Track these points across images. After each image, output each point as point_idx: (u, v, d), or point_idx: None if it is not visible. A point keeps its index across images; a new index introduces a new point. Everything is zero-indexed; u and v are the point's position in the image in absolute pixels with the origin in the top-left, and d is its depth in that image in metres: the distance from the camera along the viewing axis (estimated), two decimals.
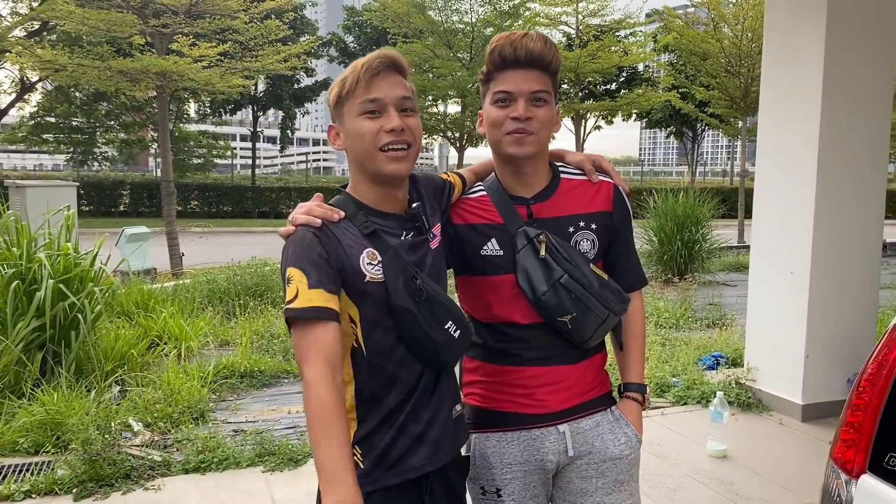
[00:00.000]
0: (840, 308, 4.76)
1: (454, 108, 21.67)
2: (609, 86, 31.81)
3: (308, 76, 36.13)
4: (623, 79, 31.68)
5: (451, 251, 1.85)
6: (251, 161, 39.09)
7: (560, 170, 1.91)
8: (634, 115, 29.92)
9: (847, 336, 4.78)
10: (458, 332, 1.62)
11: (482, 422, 1.87)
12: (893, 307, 7.88)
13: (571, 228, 1.82)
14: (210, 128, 37.76)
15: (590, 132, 27.07)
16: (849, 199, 4.72)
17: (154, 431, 4.37)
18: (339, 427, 1.41)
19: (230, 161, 39.50)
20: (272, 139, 69.24)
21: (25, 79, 22.70)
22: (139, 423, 4.41)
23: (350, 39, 36.63)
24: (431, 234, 1.72)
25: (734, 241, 16.96)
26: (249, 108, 36.48)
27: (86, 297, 5.19)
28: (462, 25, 19.79)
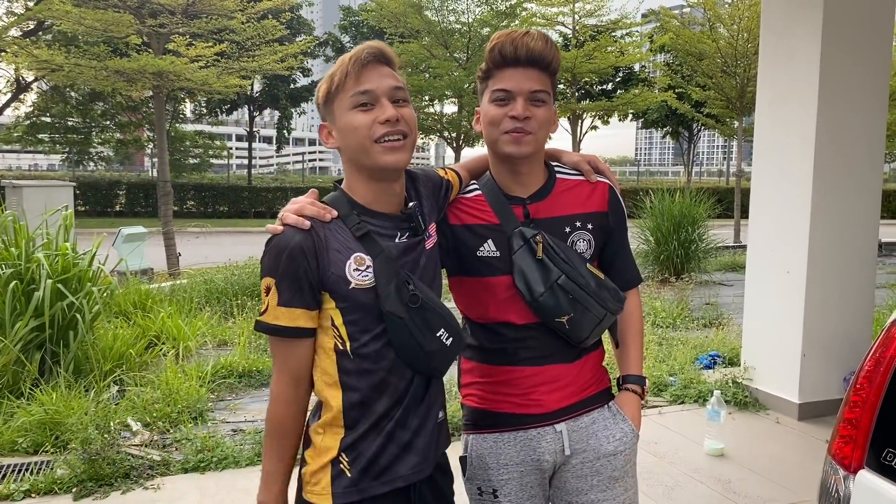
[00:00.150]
0: (836, 307, 4.79)
1: (451, 109, 21.70)
2: (605, 86, 31.85)
3: (304, 76, 36.16)
4: (619, 79, 31.73)
5: (447, 252, 1.82)
6: (247, 161, 39.08)
7: (556, 170, 1.89)
8: (631, 116, 29.99)
9: (843, 335, 4.81)
10: (451, 340, 1.58)
11: (479, 423, 1.86)
12: (889, 306, 7.92)
13: (568, 228, 1.81)
14: (206, 128, 37.72)
15: (586, 132, 27.10)
16: (845, 199, 4.74)
17: (153, 431, 4.38)
18: (287, 442, 1.60)
19: (226, 161, 39.49)
20: (268, 139, 69.24)
21: (21, 78, 22.63)
22: (138, 423, 4.41)
23: (346, 39, 36.62)
24: (427, 234, 1.67)
25: (730, 241, 17.01)
26: (246, 108, 36.46)
27: (84, 297, 5.18)
28: (459, 25, 19.80)
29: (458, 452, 1.90)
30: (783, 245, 4.85)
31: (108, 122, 30.70)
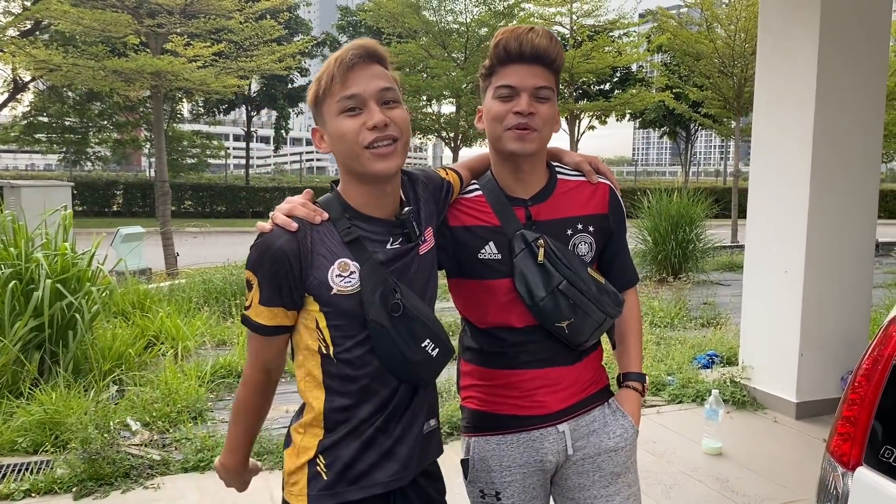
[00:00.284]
0: (834, 307, 4.80)
1: (448, 108, 21.71)
2: (603, 86, 31.89)
3: (302, 76, 36.13)
4: (617, 79, 31.76)
5: (447, 253, 1.79)
6: (245, 161, 39.07)
7: (557, 170, 1.86)
8: (628, 115, 30.00)
9: (841, 335, 4.83)
10: (436, 351, 1.54)
11: (480, 425, 1.84)
12: (887, 306, 7.94)
13: (570, 231, 1.79)
14: (203, 127, 37.73)
15: (583, 132, 27.15)
16: (843, 199, 4.76)
17: (152, 431, 4.38)
18: (254, 418, 1.66)
19: (224, 161, 39.45)
20: (266, 139, 69.20)
21: (18, 78, 22.60)
22: (137, 423, 4.41)
23: (344, 39, 36.61)
24: (421, 240, 1.62)
25: (728, 241, 17.06)
26: (243, 108, 36.44)
27: (83, 297, 5.19)
28: (456, 25, 19.82)
29: (454, 454, 1.90)
30: (781, 245, 4.87)
31: (106, 122, 30.66)
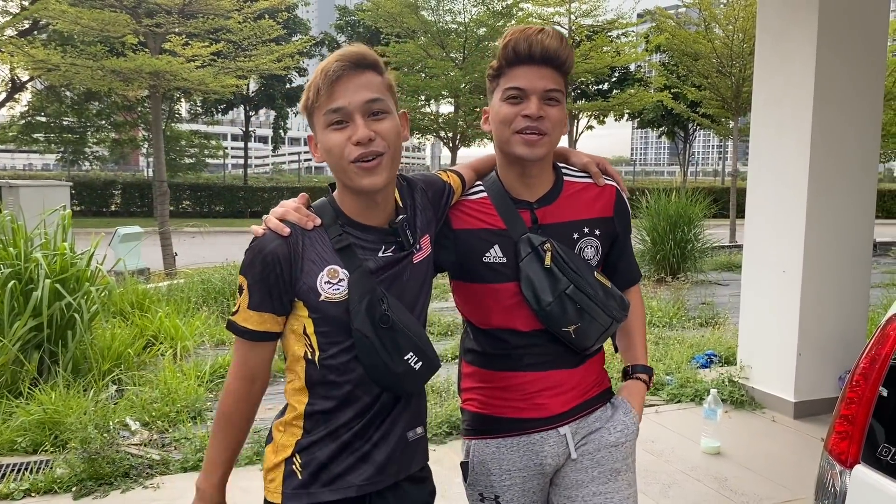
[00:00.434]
0: (832, 307, 4.82)
1: (447, 108, 21.70)
2: (601, 86, 31.93)
3: (300, 76, 36.10)
4: (615, 79, 31.78)
5: (450, 256, 1.77)
6: (243, 161, 39.04)
7: (563, 171, 1.83)
8: (626, 115, 30.00)
9: (839, 334, 4.84)
10: (420, 365, 1.53)
11: (480, 428, 1.82)
12: (884, 305, 7.96)
13: (576, 235, 1.76)
14: (201, 127, 37.70)
15: (582, 132, 27.19)
16: (840, 199, 4.77)
17: (152, 430, 4.39)
18: (234, 432, 1.61)
19: (222, 161, 39.45)
20: (264, 139, 69.22)
21: (16, 78, 22.58)
22: (137, 423, 4.42)
23: (342, 39, 36.62)
24: (416, 248, 1.61)
25: (726, 241, 17.08)
26: (241, 108, 36.43)
27: (82, 297, 5.19)
28: (455, 25, 19.82)
29: (454, 454, 1.91)
30: (779, 245, 4.88)
31: (104, 122, 30.64)
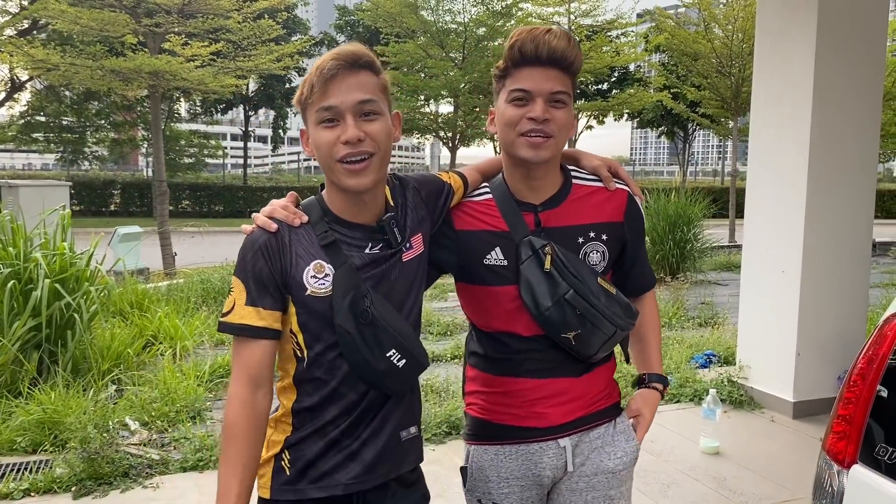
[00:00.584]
0: (831, 306, 4.82)
1: (446, 108, 21.70)
2: (601, 86, 31.90)
3: (300, 76, 36.09)
4: (615, 79, 31.76)
5: (451, 257, 1.75)
6: (242, 160, 39.04)
7: (572, 174, 1.79)
8: (626, 115, 29.98)
9: (838, 334, 4.85)
10: (403, 362, 1.53)
11: (480, 434, 1.80)
12: (883, 305, 7.96)
13: (581, 239, 1.72)
14: (201, 127, 37.70)
15: (581, 132, 27.18)
16: (839, 199, 4.78)
17: (151, 430, 4.39)
18: (243, 448, 1.47)
19: (222, 161, 39.43)
20: (263, 139, 69.15)
21: (15, 77, 22.58)
22: (136, 422, 4.42)
23: (342, 39, 36.60)
24: (406, 246, 1.61)
25: (725, 241, 17.08)
26: (241, 108, 36.42)
27: (82, 297, 5.19)
28: (454, 25, 19.80)
29: (453, 454, 1.91)
30: (778, 245, 4.89)
31: (103, 122, 30.64)
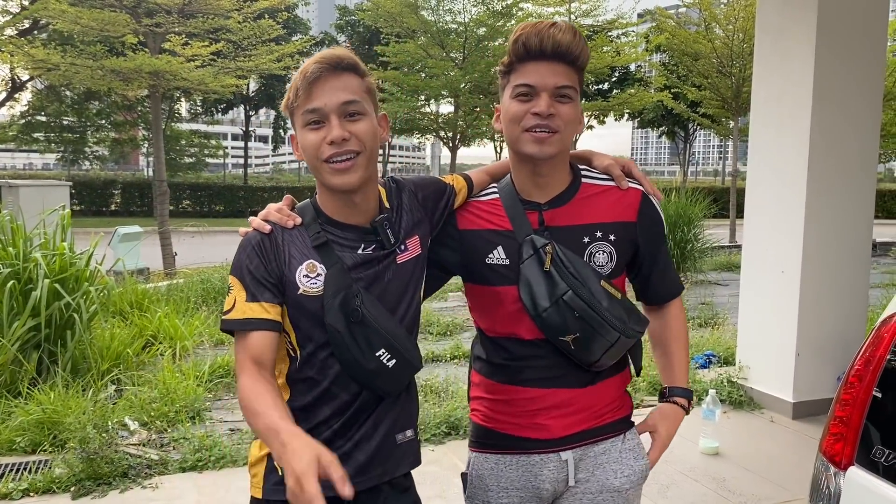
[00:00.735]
0: (831, 307, 4.82)
1: (447, 108, 21.70)
2: (601, 85, 31.87)
3: None
4: (615, 79, 31.77)
5: (454, 257, 1.73)
6: (243, 160, 39.05)
7: (582, 173, 1.74)
8: (626, 115, 29.98)
9: (838, 335, 4.84)
10: (393, 362, 1.53)
11: (482, 441, 1.78)
12: (883, 306, 7.96)
13: (586, 238, 1.66)
14: (202, 127, 37.72)
15: (582, 132, 27.13)
16: (839, 199, 4.77)
17: (150, 430, 4.39)
18: (272, 401, 1.39)
19: (222, 160, 39.45)
20: (264, 138, 69.20)
21: (16, 77, 22.59)
22: (135, 423, 4.42)
23: (342, 39, 36.59)
24: (400, 248, 1.61)
25: (726, 241, 17.07)
26: (241, 108, 36.43)
27: (81, 297, 5.19)
28: (455, 25, 19.79)
29: (452, 454, 1.90)
30: (778, 245, 4.88)
31: (104, 122, 30.66)
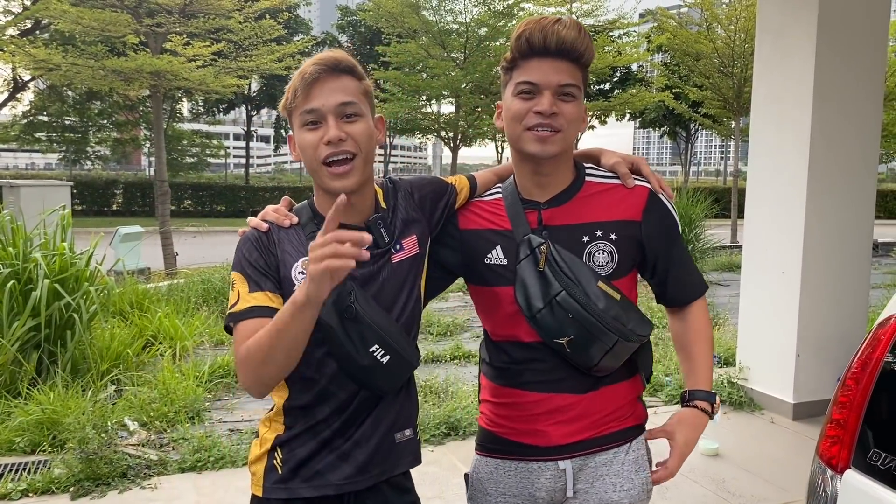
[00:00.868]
0: (831, 307, 4.81)
1: (448, 108, 21.69)
2: (603, 86, 31.83)
3: None
4: (617, 79, 31.73)
5: (455, 257, 1.72)
6: (245, 160, 39.07)
7: (587, 171, 1.70)
8: (628, 115, 29.93)
9: (838, 335, 4.83)
10: (387, 358, 1.52)
11: (485, 445, 1.77)
12: (884, 306, 7.95)
13: (586, 238, 1.62)
14: (203, 127, 37.75)
15: (583, 132, 27.10)
16: (840, 199, 4.76)
17: (150, 431, 4.39)
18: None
19: (224, 160, 39.48)
20: (266, 138, 69.21)
21: (18, 77, 22.61)
22: (135, 423, 4.42)
23: (344, 39, 36.60)
24: (395, 247, 1.62)
25: (727, 241, 17.05)
26: (243, 108, 36.45)
27: (81, 297, 5.20)
28: (456, 25, 19.78)
29: (451, 454, 1.90)
30: (778, 245, 4.87)
31: (105, 122, 30.69)
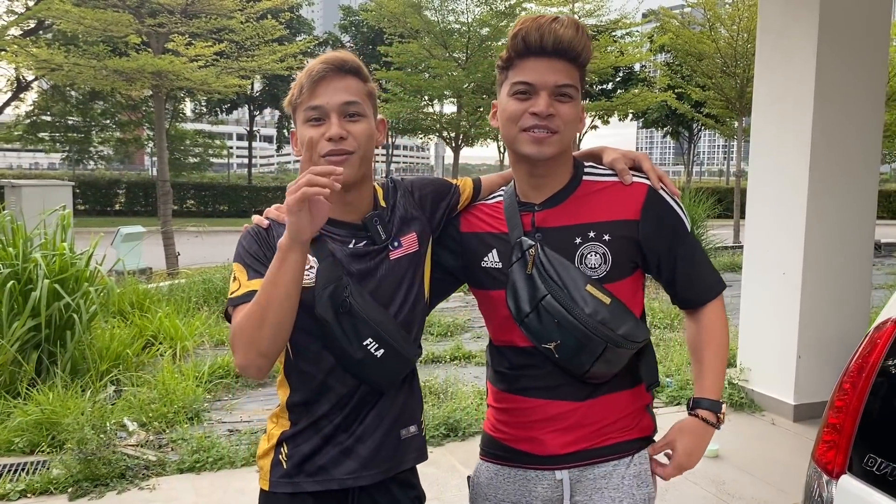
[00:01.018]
0: (832, 308, 4.79)
1: (450, 108, 21.70)
2: (605, 86, 31.83)
3: None
4: (619, 79, 31.74)
5: (455, 260, 1.72)
6: (247, 160, 39.11)
7: (585, 171, 1.67)
8: (631, 115, 29.92)
9: (839, 337, 4.81)
10: (381, 352, 1.53)
11: (486, 450, 1.76)
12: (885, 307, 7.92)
13: (578, 239, 1.58)
14: (206, 127, 37.81)
15: (586, 132, 27.12)
16: (841, 200, 4.74)
17: (149, 431, 4.39)
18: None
19: (226, 160, 39.54)
20: (268, 138, 69.31)
21: (21, 77, 22.66)
22: (134, 423, 4.42)
23: (346, 39, 36.62)
24: (393, 244, 1.64)
25: (730, 241, 17.01)
26: (246, 108, 36.48)
27: (81, 297, 5.20)
28: (458, 25, 19.78)
29: (450, 455, 1.89)
30: (778, 246, 4.86)
31: (108, 121, 30.77)
